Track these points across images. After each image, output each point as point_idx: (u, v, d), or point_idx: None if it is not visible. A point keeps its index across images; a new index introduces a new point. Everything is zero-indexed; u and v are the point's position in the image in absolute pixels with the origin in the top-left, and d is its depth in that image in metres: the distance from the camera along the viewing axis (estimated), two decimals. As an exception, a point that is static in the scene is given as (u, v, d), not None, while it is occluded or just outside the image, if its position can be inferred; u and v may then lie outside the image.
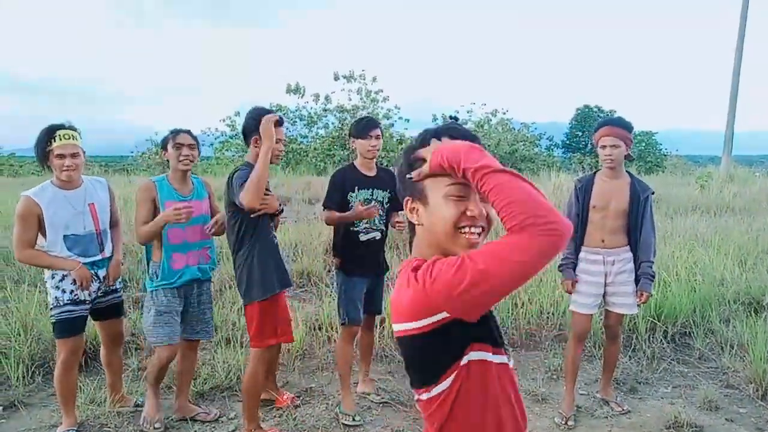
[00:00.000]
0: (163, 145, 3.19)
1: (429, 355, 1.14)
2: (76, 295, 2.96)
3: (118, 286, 3.23)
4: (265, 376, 3.11)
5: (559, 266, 3.31)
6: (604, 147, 3.13)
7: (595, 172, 3.32)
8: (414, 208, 1.20)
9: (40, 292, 4.62)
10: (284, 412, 3.34)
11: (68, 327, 2.96)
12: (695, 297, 4.68)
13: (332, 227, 3.35)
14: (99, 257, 3.05)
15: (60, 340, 2.99)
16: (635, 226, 3.17)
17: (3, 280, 4.84)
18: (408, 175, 1.22)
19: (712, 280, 5.07)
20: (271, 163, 2.84)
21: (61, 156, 2.86)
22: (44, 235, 2.92)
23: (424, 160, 1.19)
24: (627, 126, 3.14)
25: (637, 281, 3.20)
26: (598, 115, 32.57)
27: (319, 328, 4.42)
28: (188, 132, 3.18)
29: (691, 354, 4.20)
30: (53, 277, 2.95)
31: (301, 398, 3.51)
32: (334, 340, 4.28)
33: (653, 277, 3.21)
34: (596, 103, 32.65)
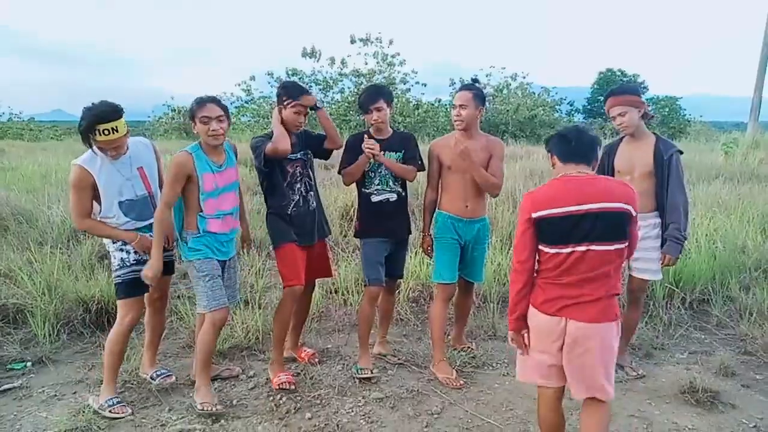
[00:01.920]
0: (191, 116, 2.94)
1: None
2: (141, 255, 2.95)
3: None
4: (294, 328, 3.52)
5: None
6: (614, 117, 3.21)
7: (621, 138, 3.33)
8: None
9: (62, 253, 4.73)
10: (302, 371, 3.42)
11: (135, 287, 2.93)
12: (715, 264, 4.63)
13: (357, 196, 3.38)
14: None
15: (124, 301, 2.95)
16: (662, 187, 3.12)
17: (27, 241, 4.94)
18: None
19: (733, 248, 4.99)
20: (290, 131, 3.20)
21: (104, 148, 2.78)
22: (99, 202, 2.87)
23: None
24: (630, 90, 3.21)
25: (663, 244, 3.17)
26: (621, 80, 31.63)
27: (336, 291, 4.48)
28: (214, 101, 2.96)
29: (709, 321, 4.18)
30: (115, 241, 2.94)
31: (318, 359, 3.58)
32: (351, 303, 4.34)
33: (681, 240, 3.12)
34: (620, 66, 31.67)
